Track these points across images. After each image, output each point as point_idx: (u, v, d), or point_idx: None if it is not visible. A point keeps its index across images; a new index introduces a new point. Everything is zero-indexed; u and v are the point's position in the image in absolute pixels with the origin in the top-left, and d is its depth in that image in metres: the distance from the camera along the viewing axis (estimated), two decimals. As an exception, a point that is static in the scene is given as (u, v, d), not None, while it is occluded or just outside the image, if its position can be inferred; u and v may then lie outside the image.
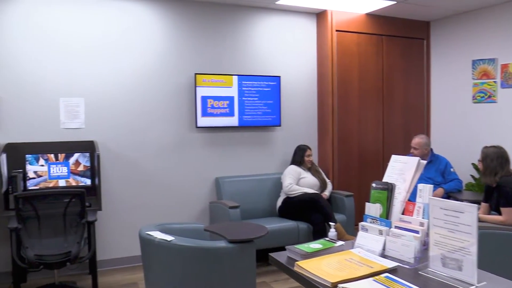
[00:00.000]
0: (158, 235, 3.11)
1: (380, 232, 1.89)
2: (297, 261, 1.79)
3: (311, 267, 1.71)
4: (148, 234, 3.12)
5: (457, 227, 1.57)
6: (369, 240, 1.91)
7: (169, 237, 3.06)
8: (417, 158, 2.03)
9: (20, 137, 4.28)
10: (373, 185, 2.02)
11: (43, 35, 4.37)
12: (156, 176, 4.84)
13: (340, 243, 1.96)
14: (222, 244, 3.05)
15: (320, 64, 5.53)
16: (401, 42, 5.82)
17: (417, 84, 5.95)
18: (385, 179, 2.07)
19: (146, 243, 3.13)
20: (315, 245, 1.92)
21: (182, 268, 3.03)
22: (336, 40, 5.36)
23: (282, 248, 2.01)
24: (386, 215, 1.94)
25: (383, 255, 1.85)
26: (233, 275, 3.06)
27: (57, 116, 4.44)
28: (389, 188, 1.96)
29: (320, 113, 5.58)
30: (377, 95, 5.68)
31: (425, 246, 1.79)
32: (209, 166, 5.07)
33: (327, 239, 2.02)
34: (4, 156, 3.87)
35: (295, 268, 1.76)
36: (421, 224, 1.84)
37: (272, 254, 1.96)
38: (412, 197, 1.99)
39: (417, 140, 4.81)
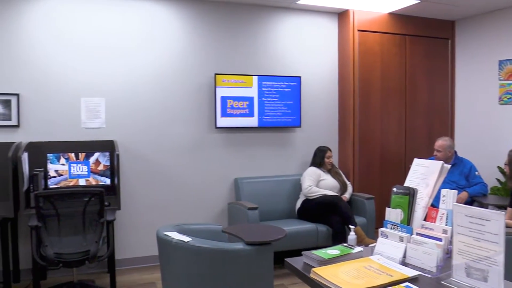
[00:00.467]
0: (175, 235, 3.10)
1: (401, 239, 1.83)
2: (314, 267, 1.74)
3: (328, 274, 1.66)
4: (166, 235, 3.11)
5: (482, 236, 1.50)
6: (389, 247, 1.84)
7: (186, 238, 3.04)
8: (441, 162, 1.95)
9: (41, 136, 4.33)
10: (394, 189, 1.96)
11: (65, 35, 4.41)
12: (175, 176, 4.84)
13: (358, 249, 1.90)
14: (239, 246, 3.02)
15: (342, 65, 5.45)
16: (425, 42, 5.69)
17: (441, 85, 5.82)
18: (407, 183, 2.00)
19: (163, 243, 3.13)
20: (333, 251, 1.86)
21: (199, 270, 3.01)
22: (358, 40, 5.28)
23: (301, 251, 1.96)
24: (407, 221, 1.87)
25: (403, 263, 1.78)
26: (250, 277, 3.03)
27: (78, 115, 4.48)
28: (411, 193, 1.89)
29: (341, 114, 5.50)
30: (400, 96, 5.57)
31: (448, 254, 1.73)
32: (228, 167, 5.04)
33: (345, 245, 1.96)
34: (26, 155, 3.92)
35: (311, 275, 1.70)
36: (444, 232, 1.77)
37: (288, 260, 1.92)
38: (435, 202, 1.91)
39: (440, 142, 4.69)
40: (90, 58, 4.50)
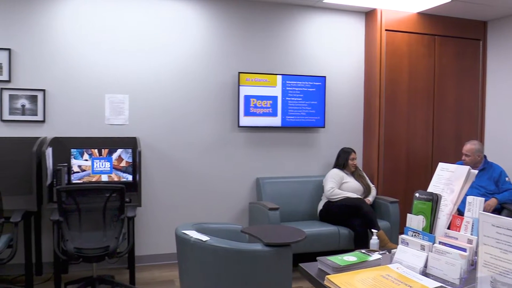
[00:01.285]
0: (193, 234, 3.08)
1: (422, 247, 1.74)
2: (328, 274, 1.67)
3: (343, 282, 1.58)
4: (184, 233, 3.10)
5: (511, 248, 1.41)
6: (409, 255, 1.76)
7: (204, 237, 3.02)
8: (467, 167, 1.86)
9: (66, 131, 4.38)
10: (416, 195, 1.87)
11: (91, 32, 4.45)
12: (197, 175, 4.83)
13: (376, 256, 1.82)
14: (258, 247, 2.98)
15: (368, 65, 5.35)
16: (455, 43, 5.52)
17: (471, 87, 5.63)
18: (430, 188, 1.91)
19: (182, 242, 3.11)
20: (349, 257, 1.79)
21: (217, 269, 2.98)
22: (385, 40, 5.16)
23: (322, 254, 1.90)
24: (430, 229, 1.78)
25: (424, 273, 1.69)
26: (269, 279, 2.99)
27: (102, 112, 4.52)
28: (434, 199, 1.80)
29: (367, 115, 5.39)
30: (428, 97, 5.42)
31: (473, 266, 1.63)
32: (250, 166, 5.01)
33: (363, 251, 1.89)
34: (50, 150, 3.97)
35: (325, 282, 1.63)
36: (469, 241, 1.68)
37: (302, 265, 1.85)
38: (461, 208, 1.82)
39: (469, 146, 4.54)
40: (115, 55, 4.53)
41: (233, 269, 2.96)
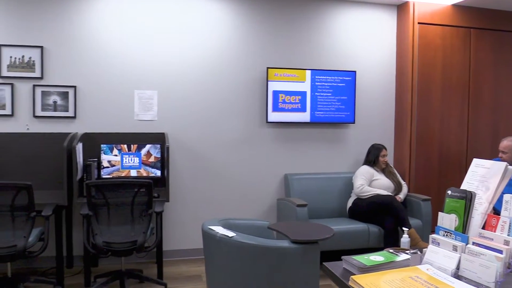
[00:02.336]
0: (220, 230, 3.06)
1: (455, 248, 1.65)
2: (354, 275, 1.60)
3: (369, 283, 1.51)
4: (210, 229, 3.08)
5: (550, 250, 1.32)
6: (440, 256, 1.67)
7: (230, 233, 3.00)
8: (504, 163, 1.75)
9: (96, 127, 4.44)
10: (449, 192, 1.78)
11: (120, 29, 4.49)
12: (225, 170, 4.82)
13: (405, 256, 1.74)
14: (284, 244, 2.94)
15: (400, 59, 5.20)
16: (492, 35, 5.31)
17: (508, 81, 5.41)
18: (464, 186, 1.82)
19: (208, 237, 3.10)
20: (376, 257, 1.72)
21: (242, 266, 2.96)
22: (418, 33, 5.00)
23: (351, 251, 1.83)
24: (463, 229, 1.69)
25: (456, 275, 1.61)
26: (295, 276, 2.94)
27: (132, 108, 4.55)
28: (468, 197, 1.71)
29: (398, 110, 5.26)
30: (462, 92, 5.23)
31: (509, 269, 1.54)
32: (278, 162, 4.96)
33: (391, 251, 1.81)
34: (80, 145, 4.03)
35: (350, 283, 1.57)
36: (506, 243, 1.58)
37: (327, 264, 1.79)
38: (497, 206, 1.72)
39: (505, 143, 4.35)
40: (144, 52, 4.55)
41: (259, 266, 2.93)
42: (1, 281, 3.59)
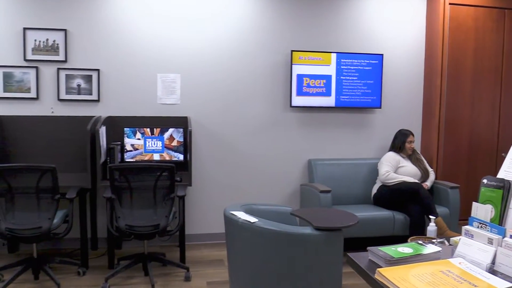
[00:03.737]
0: (242, 215, 3.03)
1: (490, 241, 1.55)
2: (380, 267, 1.52)
3: (396, 277, 1.43)
4: (232, 214, 3.05)
5: None
6: (474, 249, 1.58)
7: (252, 219, 2.96)
8: (545, 152, 1.64)
9: (119, 111, 4.44)
10: (484, 181, 1.68)
11: (143, 12, 4.45)
12: (247, 155, 4.78)
13: (436, 248, 1.65)
14: (307, 230, 2.88)
15: (429, 41, 5.02)
16: (529, 17, 5.07)
17: (545, 65, 5.17)
18: (501, 175, 1.71)
19: (230, 222, 3.07)
20: (404, 248, 1.63)
21: (264, 252, 2.92)
22: (449, 15, 4.81)
23: (376, 239, 1.75)
24: (499, 220, 1.59)
25: (491, 270, 1.51)
26: (318, 263, 2.89)
27: (155, 91, 4.53)
28: (506, 187, 1.60)
29: (426, 95, 5.10)
30: (495, 76, 5.03)
31: (548, 263, 1.45)
32: (302, 148, 4.89)
33: (420, 242, 1.72)
34: (103, 128, 4.03)
35: (376, 276, 1.48)
36: (545, 236, 1.48)
37: (351, 255, 1.72)
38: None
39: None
40: (167, 35, 4.51)
41: (281, 253, 2.89)
42: (27, 261, 3.65)
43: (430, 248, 1.64)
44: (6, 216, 3.38)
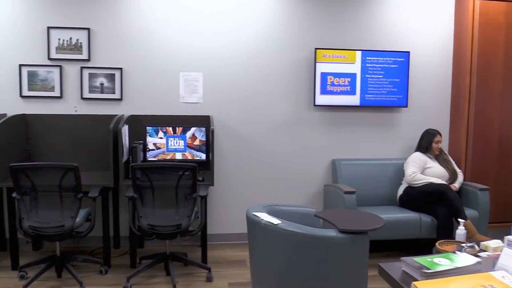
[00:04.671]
0: (264, 217, 2.98)
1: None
2: (415, 280, 1.43)
3: (434, 291, 1.35)
4: (255, 215, 3.00)
5: None
6: (516, 261, 1.49)
7: (275, 220, 2.91)
8: None
9: (142, 109, 4.43)
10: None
11: (166, 11, 4.43)
12: (270, 154, 4.71)
13: (475, 260, 1.56)
14: (331, 233, 2.81)
15: (458, 39, 4.87)
16: None
17: None
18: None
19: (252, 224, 3.02)
20: (441, 259, 1.53)
21: (287, 254, 2.86)
22: (478, 10, 4.65)
23: (401, 241, 1.66)
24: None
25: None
26: (342, 267, 2.81)
27: (177, 90, 4.51)
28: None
29: (455, 94, 4.94)
30: (527, 75, 4.85)
31: None
32: (326, 147, 4.80)
33: (458, 253, 1.63)
34: (126, 127, 4.02)
35: (412, 290, 1.40)
36: None
37: (383, 265, 1.63)
38: None
39: None
40: (189, 33, 4.48)
41: (305, 255, 2.83)
42: (51, 259, 3.66)
43: (470, 260, 1.54)
44: (29, 214, 3.40)
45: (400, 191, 4.50)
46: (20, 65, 4.25)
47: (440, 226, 4.05)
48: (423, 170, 4.41)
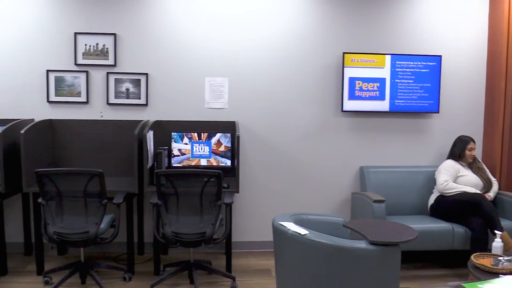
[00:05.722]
0: (291, 226, 2.89)
1: None
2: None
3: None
4: (281, 225, 2.92)
5: None
6: None
7: (303, 231, 2.82)
8: None
9: (167, 115, 4.41)
10: None
11: (191, 16, 4.41)
12: (296, 161, 4.62)
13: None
14: (362, 245, 2.71)
15: (492, 41, 4.69)
16: None
17: None
18: None
19: (279, 233, 2.94)
20: (492, 286, 1.40)
21: (315, 266, 2.77)
22: (515, 12, 4.48)
23: (432, 253, 1.54)
24: None
25: None
26: (373, 280, 2.71)
27: (202, 95, 4.47)
28: None
29: (489, 99, 4.76)
30: None
31: None
32: (353, 154, 4.68)
33: (501, 276, 1.50)
34: (151, 133, 4.00)
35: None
36: None
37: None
38: None
39: None
40: (215, 38, 4.44)
41: (334, 267, 2.73)
42: (75, 265, 3.65)
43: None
44: (54, 220, 3.39)
45: (431, 200, 4.34)
46: (48, 71, 4.28)
47: (475, 237, 3.88)
48: (455, 179, 4.25)
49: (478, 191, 4.16)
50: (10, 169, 3.77)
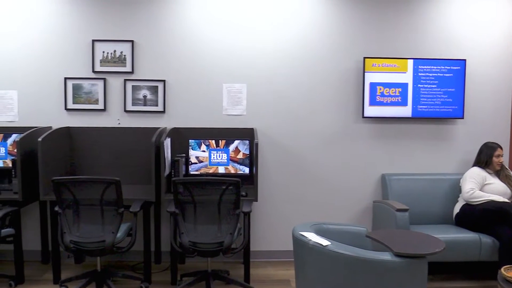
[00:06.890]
0: (312, 237, 2.80)
1: None
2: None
3: None
4: (302, 235, 2.83)
5: None
6: None
7: (324, 242, 2.73)
8: None
9: (184, 122, 4.36)
10: None
11: (208, 23, 4.37)
12: (316, 169, 4.52)
13: None
14: (386, 257, 2.61)
15: (520, 45, 4.54)
16: None
17: None
18: None
19: (299, 244, 2.86)
20: None
21: (337, 278, 2.68)
22: (544, 14, 4.32)
23: (458, 263, 1.43)
24: None
25: None
26: (398, 293, 2.59)
27: (220, 102, 4.41)
28: None
29: (516, 104, 4.61)
30: None
31: None
32: (375, 161, 4.56)
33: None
34: (168, 140, 3.95)
35: None
36: None
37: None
38: None
39: None
40: (232, 44, 4.39)
41: (356, 280, 2.63)
42: (91, 274, 3.61)
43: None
44: (71, 229, 3.35)
45: (457, 209, 4.19)
46: (66, 78, 4.28)
47: (503, 248, 3.72)
48: (482, 187, 4.10)
49: (506, 200, 4.00)
50: (27, 177, 3.76)
